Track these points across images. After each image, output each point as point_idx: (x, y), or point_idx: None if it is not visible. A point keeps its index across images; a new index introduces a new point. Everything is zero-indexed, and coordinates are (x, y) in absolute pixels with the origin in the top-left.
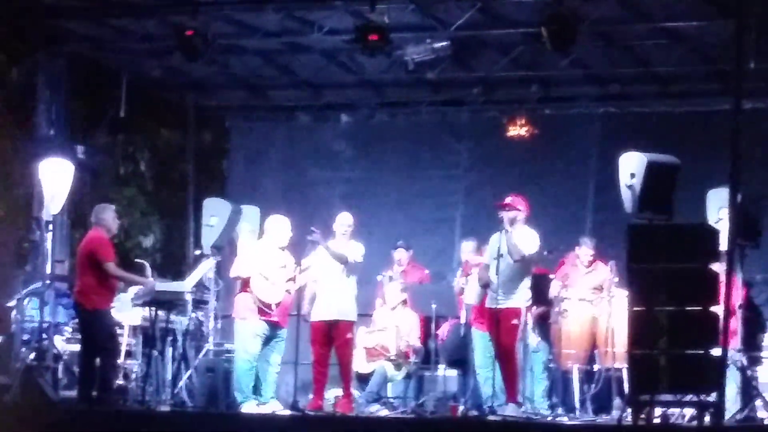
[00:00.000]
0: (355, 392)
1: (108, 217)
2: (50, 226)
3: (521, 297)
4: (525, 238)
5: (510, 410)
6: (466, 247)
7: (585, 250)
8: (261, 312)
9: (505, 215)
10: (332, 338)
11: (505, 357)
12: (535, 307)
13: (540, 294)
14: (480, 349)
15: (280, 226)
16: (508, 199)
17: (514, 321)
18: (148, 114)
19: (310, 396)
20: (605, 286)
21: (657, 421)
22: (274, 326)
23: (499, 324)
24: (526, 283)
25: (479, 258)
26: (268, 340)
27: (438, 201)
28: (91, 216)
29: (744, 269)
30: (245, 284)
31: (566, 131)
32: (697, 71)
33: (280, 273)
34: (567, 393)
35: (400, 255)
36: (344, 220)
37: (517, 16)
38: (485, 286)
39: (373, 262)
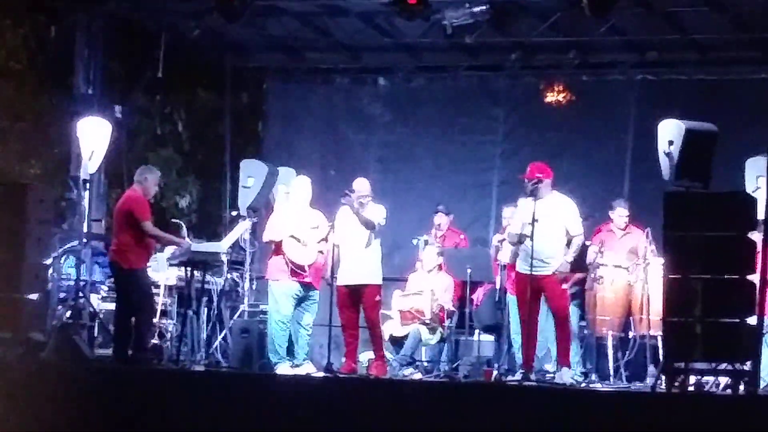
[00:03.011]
0: (389, 355)
1: (151, 180)
2: (87, 185)
3: (559, 263)
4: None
5: (566, 375)
6: (507, 213)
7: (620, 211)
8: (294, 273)
9: (531, 187)
10: (360, 302)
11: (560, 322)
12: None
13: (576, 261)
14: (515, 315)
15: (301, 185)
16: (529, 171)
17: (564, 285)
18: (185, 75)
19: (344, 359)
20: (640, 251)
21: (691, 389)
22: (307, 287)
23: (546, 291)
24: (562, 249)
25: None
26: (300, 302)
27: (474, 166)
28: (131, 175)
29: None
30: (278, 247)
31: (604, 98)
32: (736, 39)
33: (312, 234)
34: (601, 360)
35: (440, 219)
36: (361, 188)
37: None
38: (518, 242)
39: (408, 226)
